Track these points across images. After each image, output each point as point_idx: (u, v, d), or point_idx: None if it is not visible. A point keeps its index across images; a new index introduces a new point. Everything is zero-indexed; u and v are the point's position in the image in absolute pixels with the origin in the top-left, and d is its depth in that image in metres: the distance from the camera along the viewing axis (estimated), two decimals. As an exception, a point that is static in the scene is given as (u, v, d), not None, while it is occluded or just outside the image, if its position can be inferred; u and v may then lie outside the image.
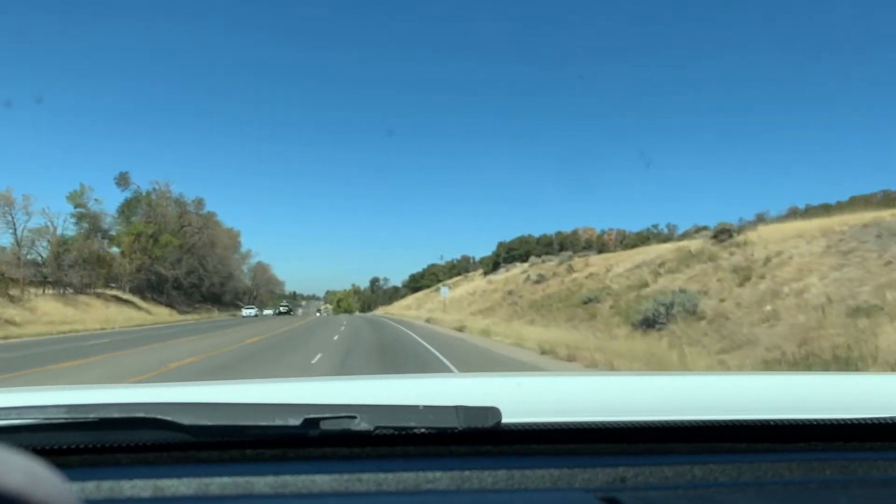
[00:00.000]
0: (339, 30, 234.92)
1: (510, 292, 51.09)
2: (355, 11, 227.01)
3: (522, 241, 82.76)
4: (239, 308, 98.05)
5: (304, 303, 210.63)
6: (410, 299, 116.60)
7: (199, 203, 79.90)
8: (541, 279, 49.58)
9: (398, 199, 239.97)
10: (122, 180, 71.98)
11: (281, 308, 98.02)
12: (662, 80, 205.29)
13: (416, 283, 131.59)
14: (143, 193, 71.92)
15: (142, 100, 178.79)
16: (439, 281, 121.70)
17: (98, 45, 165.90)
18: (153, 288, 69.06)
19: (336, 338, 23.75)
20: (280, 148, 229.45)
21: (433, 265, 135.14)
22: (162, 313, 60.64)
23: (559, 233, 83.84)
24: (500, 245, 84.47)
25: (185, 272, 71.57)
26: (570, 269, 47.22)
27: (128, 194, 72.03)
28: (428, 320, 42.61)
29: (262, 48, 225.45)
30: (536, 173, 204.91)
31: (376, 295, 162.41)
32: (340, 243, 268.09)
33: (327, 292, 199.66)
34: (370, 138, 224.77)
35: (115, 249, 63.38)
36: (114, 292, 59.08)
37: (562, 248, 78.11)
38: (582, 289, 36.22)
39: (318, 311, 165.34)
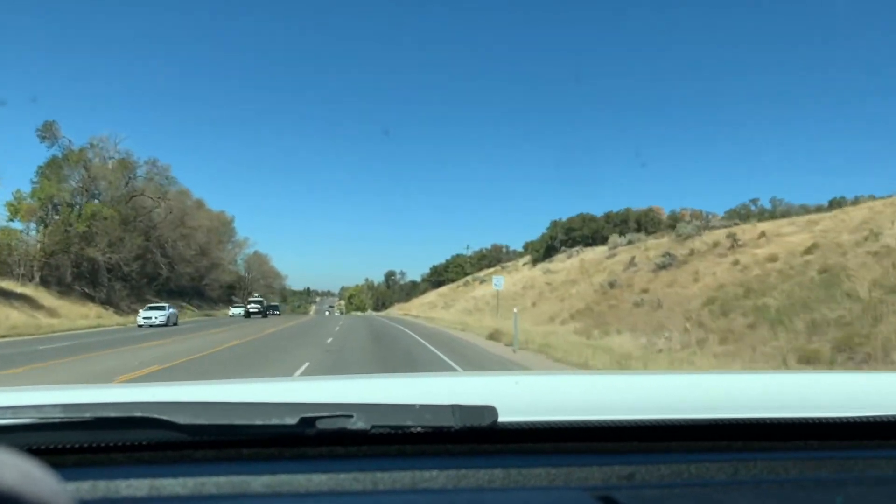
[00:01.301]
0: (346, 17, 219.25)
1: (612, 284, 31.13)
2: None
3: (585, 219, 62.47)
4: (231, 304, 77.37)
5: (318, 299, 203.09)
6: (433, 295, 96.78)
7: (156, 166, 59.87)
8: (668, 263, 29.61)
9: (411, 191, 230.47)
10: (47, 132, 52.61)
11: (251, 307, 63.17)
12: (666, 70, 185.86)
13: (439, 277, 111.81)
14: (76, 150, 52.48)
15: (146, 97, 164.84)
16: (466, 273, 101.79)
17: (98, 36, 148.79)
18: (85, 278, 49.88)
19: None
20: (290, 143, 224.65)
21: (458, 256, 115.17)
22: (79, 315, 41.38)
23: (628, 209, 63.34)
24: (555, 225, 64.25)
25: (132, 257, 52.11)
26: (733, 245, 27.25)
27: (56, 152, 52.71)
28: (493, 336, 22.18)
29: (265, 35, 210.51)
30: (548, 161, 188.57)
31: (392, 291, 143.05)
32: (356, 237, 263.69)
33: (342, 288, 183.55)
34: (377, 130, 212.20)
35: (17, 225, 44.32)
36: (4, 283, 39.91)
37: (639, 226, 58.02)
38: (845, 275, 16.18)
39: (330, 307, 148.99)
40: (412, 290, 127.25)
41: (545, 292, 40.01)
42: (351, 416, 0.92)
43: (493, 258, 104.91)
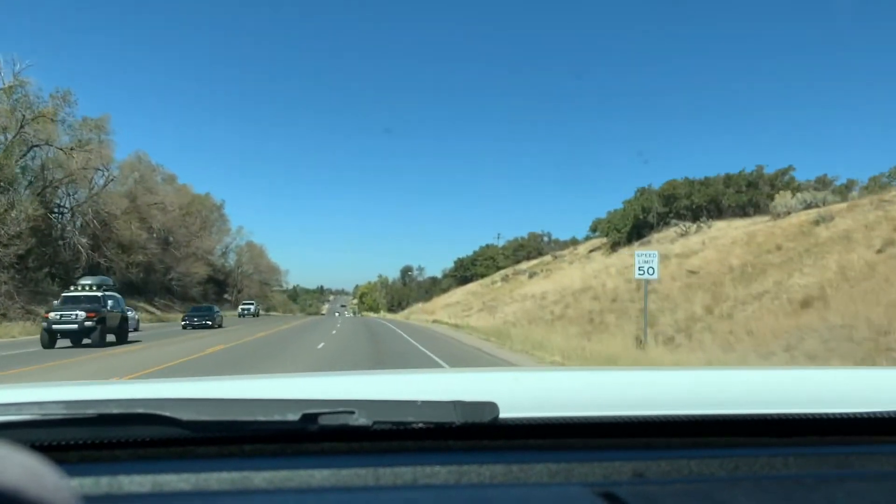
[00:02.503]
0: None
1: None
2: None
3: (692, 185, 43.75)
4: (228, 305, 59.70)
5: (332, 298, 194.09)
6: (460, 293, 78.07)
7: (69, 102, 41.47)
8: None
9: (425, 186, 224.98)
10: None
11: (56, 321, 18.32)
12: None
13: (465, 272, 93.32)
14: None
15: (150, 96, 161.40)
16: (499, 267, 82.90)
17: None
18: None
19: None
20: (302, 140, 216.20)
21: (488, 247, 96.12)
22: None
23: (759, 167, 44.02)
24: (644, 194, 45.64)
25: (18, 232, 34.26)
26: None
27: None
28: None
29: (268, 33, 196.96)
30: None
31: (409, 288, 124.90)
32: (370, 234, 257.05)
33: (356, 287, 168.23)
34: (385, 126, 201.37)
35: None
36: None
37: (772, 188, 39.74)
38: None
39: (342, 307, 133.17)
40: (432, 288, 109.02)
41: (725, 288, 21.33)
42: (353, 413, 0.93)
43: (532, 248, 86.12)
